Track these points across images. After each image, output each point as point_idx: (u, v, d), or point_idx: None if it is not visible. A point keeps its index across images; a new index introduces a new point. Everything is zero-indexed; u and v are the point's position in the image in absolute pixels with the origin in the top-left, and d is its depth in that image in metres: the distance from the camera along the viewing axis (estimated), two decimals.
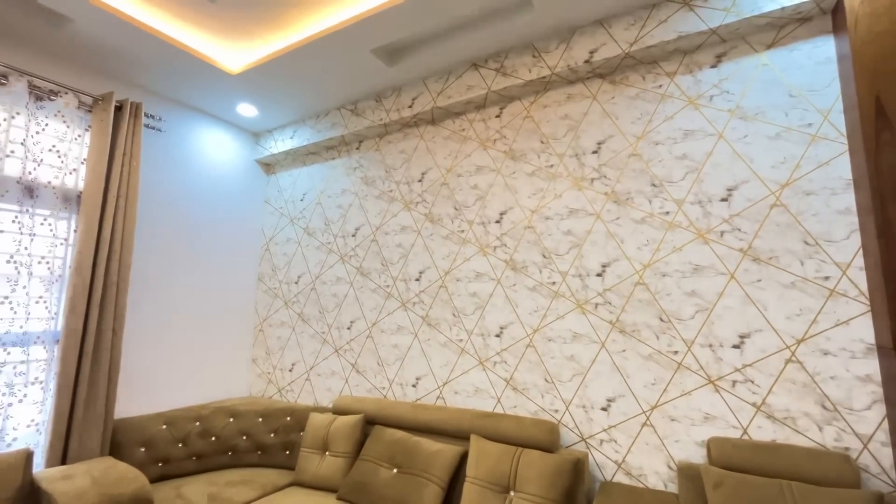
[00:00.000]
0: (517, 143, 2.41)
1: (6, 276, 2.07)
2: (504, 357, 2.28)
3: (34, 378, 2.13)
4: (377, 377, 2.68)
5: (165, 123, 2.80)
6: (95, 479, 1.87)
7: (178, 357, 2.81)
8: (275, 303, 3.25)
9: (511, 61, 2.34)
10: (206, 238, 3.01)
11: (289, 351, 3.11)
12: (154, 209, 2.72)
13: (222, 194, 3.14)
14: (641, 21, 2.01)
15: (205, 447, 2.56)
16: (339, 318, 2.91)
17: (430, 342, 2.52)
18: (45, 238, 2.20)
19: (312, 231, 3.15)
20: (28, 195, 2.15)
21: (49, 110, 2.25)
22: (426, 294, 2.58)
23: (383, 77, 2.59)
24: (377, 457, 2.15)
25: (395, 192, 2.82)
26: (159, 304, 2.72)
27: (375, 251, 2.82)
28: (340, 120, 2.95)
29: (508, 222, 2.37)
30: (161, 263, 2.74)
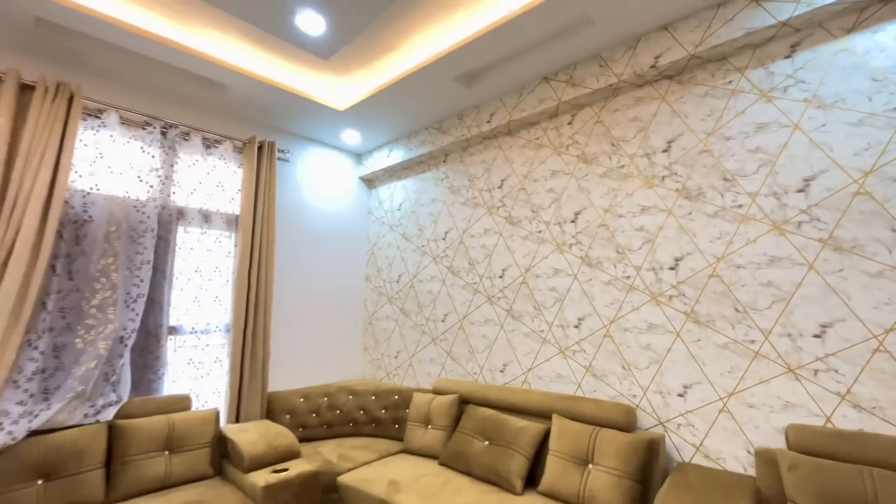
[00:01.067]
0: (589, 147, 2.59)
1: (197, 283, 2.80)
2: (583, 346, 2.48)
3: (216, 358, 2.86)
4: (469, 363, 3.04)
5: (290, 155, 3.45)
6: (262, 434, 2.48)
7: (308, 344, 3.45)
8: (380, 299, 3.78)
9: (579, 72, 2.52)
10: (323, 246, 3.63)
11: (393, 341, 3.61)
12: (286, 225, 3.37)
13: (334, 208, 3.74)
14: (707, 22, 2.08)
15: (332, 418, 3.15)
16: (434, 311, 3.32)
17: (515, 332, 2.81)
18: (218, 252, 2.91)
19: (409, 236, 3.61)
20: (205, 220, 2.88)
21: (215, 155, 2.97)
22: (509, 290, 2.87)
23: (464, 98, 2.92)
24: (471, 430, 2.50)
25: (478, 198, 3.14)
26: (294, 302, 3.37)
27: (463, 252, 3.18)
28: (428, 138, 3.35)
29: (583, 221, 2.56)
30: (293, 269, 3.39)
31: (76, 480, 1.99)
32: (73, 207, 2.33)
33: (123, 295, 2.38)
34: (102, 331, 2.26)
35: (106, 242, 2.37)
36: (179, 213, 2.78)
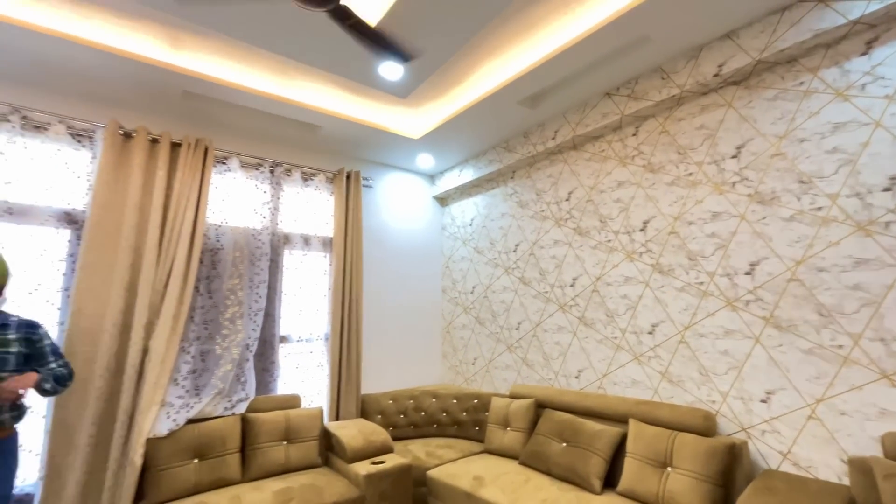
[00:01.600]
0: (655, 157, 2.64)
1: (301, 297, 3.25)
2: (657, 352, 2.52)
3: (318, 363, 3.28)
4: (544, 370, 3.17)
5: (373, 181, 3.85)
6: (360, 430, 2.82)
7: (394, 351, 3.79)
8: (456, 309, 4.04)
9: (641, 85, 2.60)
10: (403, 261, 3.98)
11: (470, 348, 3.84)
12: (371, 244, 3.77)
13: (412, 226, 4.09)
14: (771, 27, 2.09)
15: (418, 419, 3.43)
16: (508, 320, 3.51)
17: (588, 339, 2.90)
18: (316, 270, 3.36)
19: (481, 250, 3.84)
20: (306, 243, 3.33)
21: (311, 186, 3.43)
22: (580, 298, 2.97)
23: (529, 118, 3.11)
24: (549, 432, 2.64)
25: (546, 211, 3.29)
26: (380, 313, 3.74)
27: (534, 263, 3.34)
28: (496, 156, 3.57)
29: (652, 230, 2.61)
30: (378, 283, 3.77)
31: (221, 461, 2.45)
32: (210, 238, 2.86)
33: (247, 309, 2.86)
34: (234, 339, 2.75)
35: (233, 266, 2.88)
36: (286, 238, 3.26)
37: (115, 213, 2.53)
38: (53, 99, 2.55)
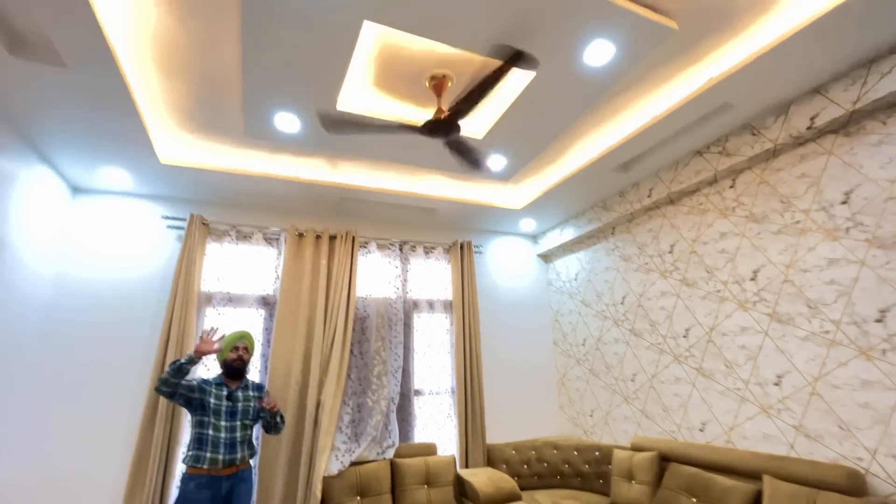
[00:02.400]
0: (756, 207, 2.71)
1: (429, 355, 3.75)
2: (787, 405, 2.46)
3: (447, 414, 3.70)
4: (664, 422, 3.18)
5: (482, 248, 4.35)
6: (489, 477, 3.11)
7: (513, 403, 4.05)
8: (569, 361, 4.21)
9: (732, 142, 2.74)
10: (515, 316, 4.32)
11: (586, 400, 3.95)
12: (485, 303, 4.19)
13: (520, 284, 4.45)
14: (861, 79, 2.16)
15: (541, 469, 3.61)
16: (622, 372, 3.59)
17: (708, 391, 2.89)
18: (440, 331, 3.86)
19: (588, 303, 4.03)
20: (430, 307, 3.88)
21: (432, 258, 4.03)
22: (695, 348, 3.00)
23: (623, 180, 3.37)
24: (677, 487, 2.66)
25: (650, 264, 3.42)
26: (498, 366, 4.08)
27: (643, 315, 3.44)
28: (595, 216, 3.84)
29: (763, 279, 2.63)
30: (494, 339, 4.14)
31: (377, 499, 2.92)
32: (359, 309, 3.55)
33: (390, 367, 3.43)
34: (381, 393, 3.31)
35: (377, 331, 3.50)
36: (414, 304, 3.85)
37: (294, 295, 3.34)
38: (254, 215, 3.52)
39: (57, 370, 2.81)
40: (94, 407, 2.85)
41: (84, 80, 2.01)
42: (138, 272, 3.15)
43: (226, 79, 2.21)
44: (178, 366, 2.24)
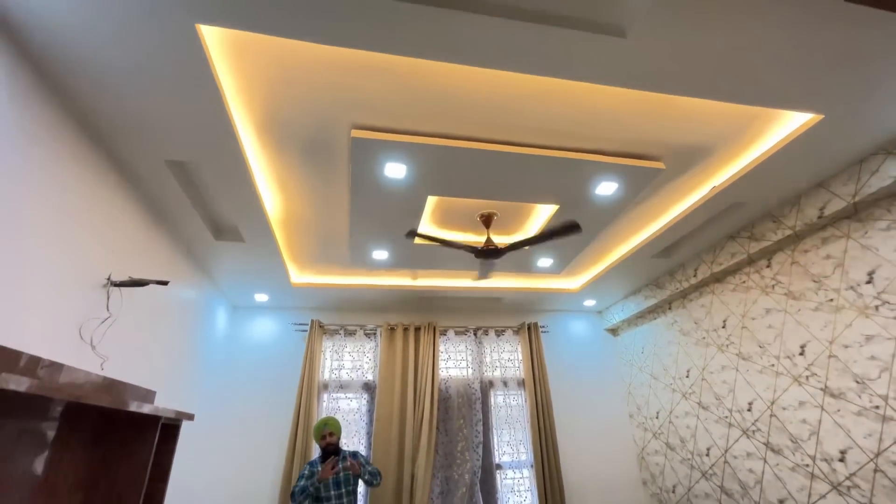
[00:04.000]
0: (793, 286, 2.92)
1: (506, 431, 4.17)
2: (855, 482, 2.50)
3: (525, 488, 4.01)
4: (744, 499, 3.20)
5: (549, 327, 4.80)
6: None
7: (593, 477, 4.22)
8: (645, 435, 4.32)
9: (758, 228, 3.05)
10: (587, 389, 4.58)
11: (667, 475, 4.00)
12: (556, 379, 4.55)
13: (589, 358, 4.75)
14: (855, 175, 2.46)
15: None
16: (696, 446, 3.68)
17: (780, 467, 2.95)
18: (515, 406, 4.29)
19: (656, 375, 4.21)
20: (504, 385, 4.36)
21: (503, 340, 4.56)
22: (761, 423, 3.10)
23: (666, 263, 3.72)
24: None
25: (707, 338, 3.63)
26: (574, 439, 4.33)
27: (707, 388, 3.59)
28: (650, 293, 4.15)
29: (811, 353, 2.78)
30: (568, 412, 4.43)
31: None
32: (442, 390, 4.15)
33: (471, 443, 3.91)
34: (465, 467, 3.78)
35: (458, 409, 4.05)
36: (490, 383, 4.36)
37: (389, 380, 4.06)
38: (356, 316, 4.42)
39: (223, 441, 3.75)
40: (247, 467, 3.70)
41: (254, 247, 3.06)
42: (276, 365, 4.12)
43: (336, 232, 3.16)
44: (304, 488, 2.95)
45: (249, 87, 1.89)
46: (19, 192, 1.59)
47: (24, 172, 1.61)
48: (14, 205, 1.57)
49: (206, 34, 1.60)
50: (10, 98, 1.52)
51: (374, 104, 2.00)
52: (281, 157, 2.36)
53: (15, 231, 1.58)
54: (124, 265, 2.27)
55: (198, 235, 2.87)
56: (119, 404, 1.68)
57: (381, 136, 2.14)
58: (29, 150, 1.62)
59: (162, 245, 2.70)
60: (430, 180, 2.47)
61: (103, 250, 2.11)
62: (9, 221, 1.55)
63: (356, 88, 1.91)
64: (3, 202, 1.52)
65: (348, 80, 1.86)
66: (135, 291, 2.39)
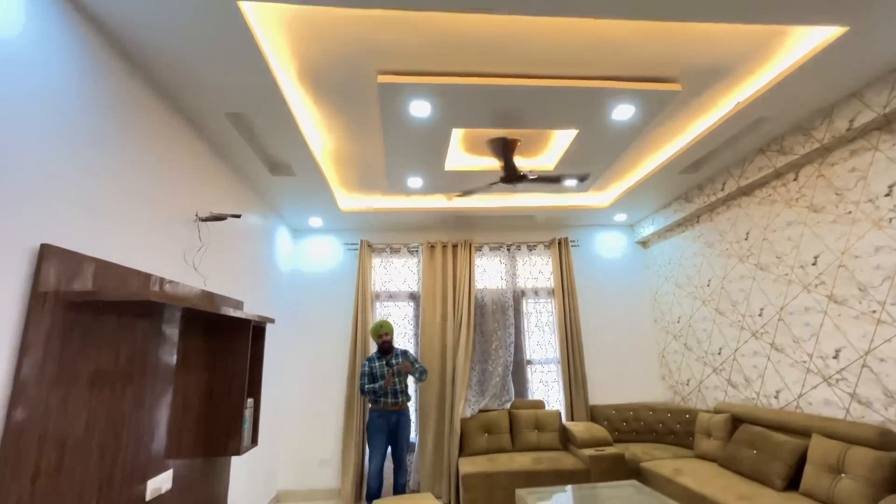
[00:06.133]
0: (816, 199, 2.97)
1: (537, 333, 4.71)
2: (844, 375, 2.79)
3: (554, 379, 4.63)
4: (746, 390, 3.60)
5: (579, 241, 5.06)
6: (587, 428, 3.98)
7: (615, 371, 4.75)
8: (667, 337, 4.70)
9: (787, 142, 3.03)
10: (614, 298, 4.95)
11: (683, 370, 4.43)
12: (585, 288, 4.92)
13: (618, 269, 5.04)
14: (889, 85, 2.38)
15: (637, 427, 4.30)
16: (710, 346, 4.03)
17: (781, 363, 3.26)
18: (545, 313, 4.77)
19: (680, 285, 4.46)
20: (535, 294, 4.81)
21: (534, 254, 4.92)
22: (769, 326, 3.36)
23: (695, 178, 3.77)
24: (742, 442, 3.18)
25: (729, 250, 3.77)
26: (599, 341, 4.81)
27: (725, 296, 3.83)
28: (679, 207, 4.25)
29: (823, 264, 2.92)
30: (595, 317, 4.86)
31: (499, 437, 4.06)
32: (477, 299, 4.68)
33: (503, 342, 4.50)
34: (498, 362, 4.41)
35: (492, 315, 4.59)
36: (521, 293, 4.82)
37: (431, 290, 4.62)
38: (400, 235, 4.90)
39: (297, 341, 4.59)
40: (318, 360, 4.56)
41: (303, 179, 3.49)
42: (333, 280, 4.79)
43: (375, 164, 3.49)
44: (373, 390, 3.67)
45: (286, 46, 2.15)
46: (130, 152, 2.04)
47: (132, 136, 2.04)
48: (127, 159, 2.03)
49: (247, 8, 1.85)
50: (106, 77, 1.91)
51: (396, 51, 2.20)
52: (320, 104, 2.65)
53: (134, 183, 2.07)
54: (206, 203, 2.79)
55: (257, 173, 3.33)
56: (220, 310, 2.26)
57: (404, 80, 2.36)
58: (130, 119, 2.04)
59: (231, 184, 3.19)
60: (453, 115, 2.68)
61: (190, 192, 2.60)
62: (129, 174, 2.03)
63: (378, 38, 2.11)
64: (122, 158, 1.99)
65: (371, 32, 2.06)
66: (217, 224, 2.93)
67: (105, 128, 1.90)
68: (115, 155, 1.97)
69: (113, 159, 1.95)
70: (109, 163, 1.93)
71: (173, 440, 2.32)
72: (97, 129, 1.86)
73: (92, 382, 1.74)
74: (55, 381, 1.57)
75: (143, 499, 2.05)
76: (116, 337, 1.89)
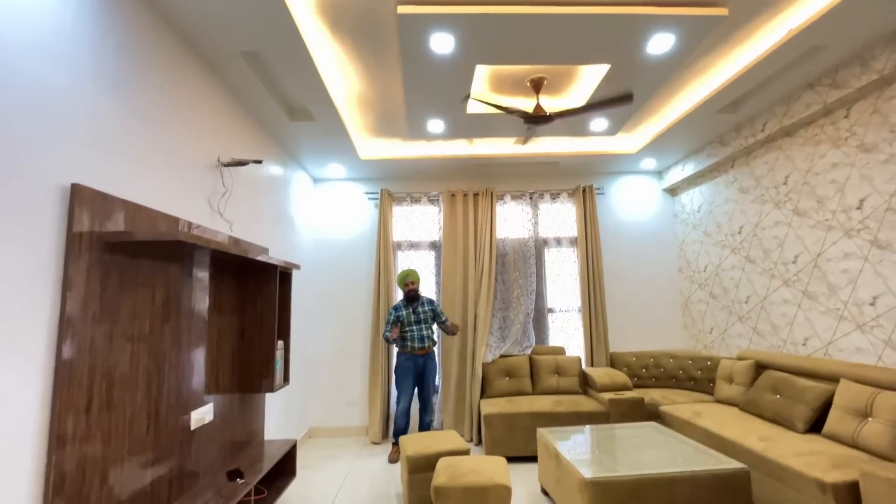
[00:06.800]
0: (867, 137, 2.76)
1: (558, 282, 4.70)
2: (880, 322, 2.71)
3: (575, 327, 4.66)
4: (772, 338, 3.55)
5: (604, 189, 4.90)
6: (606, 373, 4.04)
7: (637, 320, 4.75)
8: (692, 286, 4.63)
9: (841, 75, 2.78)
10: (638, 247, 4.85)
11: (706, 319, 4.40)
12: (609, 237, 4.83)
13: (644, 217, 4.90)
14: None
15: (657, 374, 4.35)
16: (737, 294, 3.95)
17: (812, 311, 3.18)
18: (567, 262, 4.73)
19: (709, 233, 4.33)
20: (557, 243, 4.75)
21: (557, 202, 4.81)
22: (803, 273, 3.25)
23: (733, 119, 3.54)
24: (765, 387, 3.18)
25: (765, 195, 3.60)
26: (622, 290, 4.78)
27: (757, 243, 3.70)
28: (713, 151, 4.03)
29: (868, 207, 2.76)
30: (618, 266, 4.81)
31: (520, 380, 4.16)
32: (499, 248, 4.65)
33: (525, 291, 4.51)
34: (519, 309, 4.45)
35: (513, 264, 4.58)
36: (544, 242, 4.77)
37: (452, 239, 4.60)
38: (420, 184, 4.83)
39: (322, 288, 4.70)
40: (344, 306, 4.69)
41: (322, 124, 3.41)
42: (355, 229, 4.81)
43: (394, 110, 3.37)
44: (392, 341, 3.80)
45: None
46: (152, 94, 2.00)
47: (153, 78, 1.99)
48: (149, 102, 2.00)
49: None
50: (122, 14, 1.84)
51: None
52: (338, 42, 2.53)
53: (157, 126, 2.04)
54: (227, 149, 2.76)
55: (276, 119, 3.26)
56: (248, 255, 2.29)
57: (426, 10, 2.21)
58: (149, 61, 1.98)
59: (251, 131, 3.14)
60: (477, 49, 2.53)
61: (212, 138, 2.57)
62: (152, 117, 2.00)
63: None
64: (144, 101, 1.95)
65: None
66: (239, 170, 2.91)
67: (125, 69, 1.85)
68: (137, 98, 1.93)
69: (135, 102, 1.91)
70: (132, 105, 1.89)
71: (211, 377, 2.44)
72: (118, 71, 1.81)
73: (132, 320, 1.81)
74: (99, 317, 1.63)
75: (188, 428, 2.19)
76: (151, 279, 1.94)
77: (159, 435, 1.97)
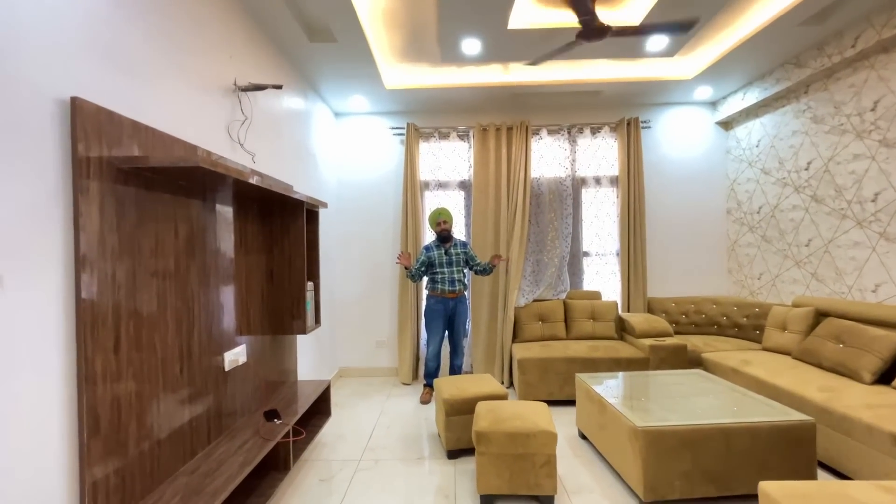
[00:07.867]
0: None
1: (596, 224, 4.42)
2: None
3: (612, 271, 4.44)
4: (836, 284, 3.27)
5: (651, 122, 4.46)
6: (645, 318, 3.86)
7: (677, 265, 4.49)
8: (741, 229, 4.30)
9: None
10: (685, 186, 4.48)
11: (756, 264, 4.11)
12: (653, 175, 4.46)
13: (692, 154, 4.48)
14: None
15: (698, 320, 4.15)
16: (797, 237, 3.62)
17: (889, 254, 2.87)
18: (606, 203, 4.42)
19: (768, 170, 3.92)
20: (597, 183, 4.42)
21: (598, 137, 4.41)
22: (883, 213, 2.90)
23: (820, 30, 3.04)
24: (826, 335, 2.96)
25: (845, 124, 3.17)
26: (664, 233, 4.48)
27: (828, 180, 3.31)
28: (784, 74, 3.54)
29: None
30: (661, 208, 4.48)
31: (554, 325, 4.03)
32: (534, 187, 4.35)
33: (560, 233, 4.26)
34: (554, 253, 4.23)
35: (549, 204, 4.30)
36: (582, 181, 4.44)
37: (483, 178, 4.32)
38: (449, 118, 4.47)
39: (347, 229, 4.55)
40: (369, 248, 4.56)
41: (345, 46, 3.06)
42: (380, 167, 4.55)
43: (425, 27, 2.98)
44: (411, 275, 3.66)
45: None
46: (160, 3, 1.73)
47: None
48: (157, 12, 1.73)
49: None
50: None
51: None
52: None
53: (168, 41, 1.78)
54: (243, 73, 2.48)
55: (295, 40, 2.93)
56: (274, 189, 2.09)
57: None
58: None
59: (268, 54, 2.83)
60: None
61: (225, 58, 2.29)
62: (162, 29, 1.74)
63: None
64: (152, 10, 1.68)
65: None
66: (258, 98, 2.65)
67: None
68: (144, 6, 1.66)
69: (142, 10, 1.64)
70: (139, 14, 1.63)
71: (242, 318, 2.34)
72: None
73: (156, 257, 1.67)
74: (118, 253, 1.48)
75: (222, 369, 2.12)
76: (172, 213, 1.77)
77: (193, 376, 1.89)
